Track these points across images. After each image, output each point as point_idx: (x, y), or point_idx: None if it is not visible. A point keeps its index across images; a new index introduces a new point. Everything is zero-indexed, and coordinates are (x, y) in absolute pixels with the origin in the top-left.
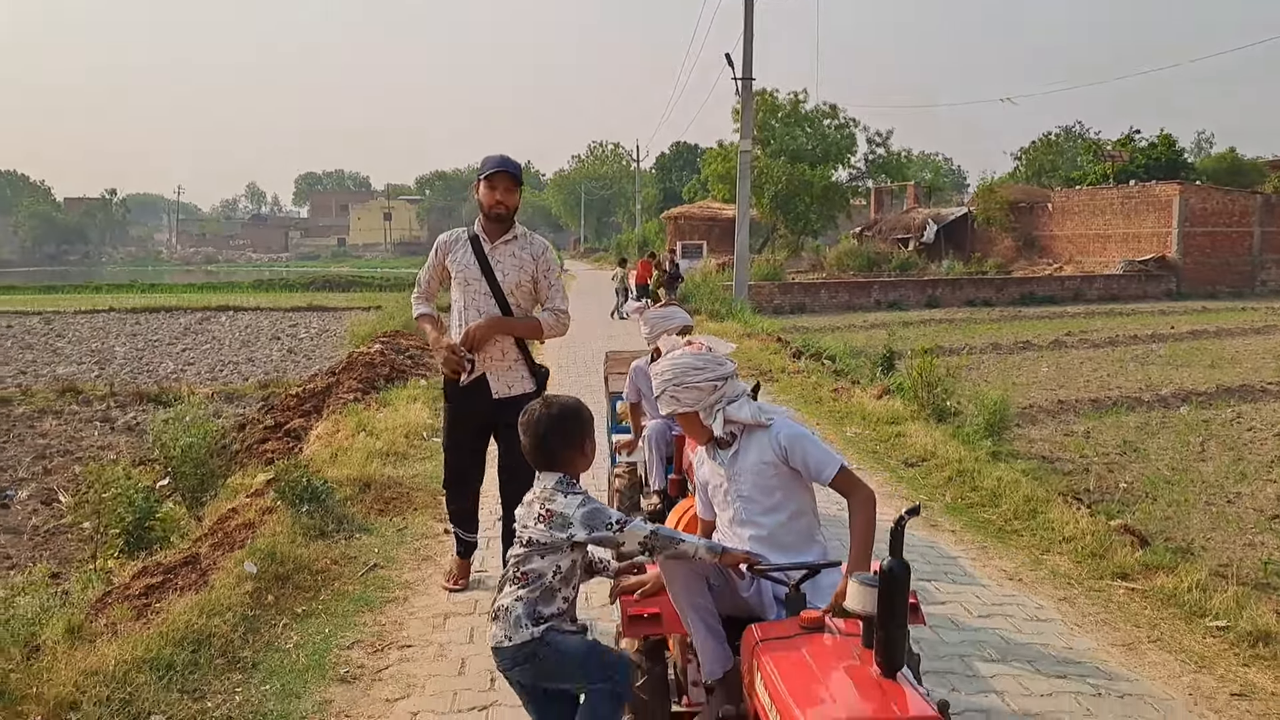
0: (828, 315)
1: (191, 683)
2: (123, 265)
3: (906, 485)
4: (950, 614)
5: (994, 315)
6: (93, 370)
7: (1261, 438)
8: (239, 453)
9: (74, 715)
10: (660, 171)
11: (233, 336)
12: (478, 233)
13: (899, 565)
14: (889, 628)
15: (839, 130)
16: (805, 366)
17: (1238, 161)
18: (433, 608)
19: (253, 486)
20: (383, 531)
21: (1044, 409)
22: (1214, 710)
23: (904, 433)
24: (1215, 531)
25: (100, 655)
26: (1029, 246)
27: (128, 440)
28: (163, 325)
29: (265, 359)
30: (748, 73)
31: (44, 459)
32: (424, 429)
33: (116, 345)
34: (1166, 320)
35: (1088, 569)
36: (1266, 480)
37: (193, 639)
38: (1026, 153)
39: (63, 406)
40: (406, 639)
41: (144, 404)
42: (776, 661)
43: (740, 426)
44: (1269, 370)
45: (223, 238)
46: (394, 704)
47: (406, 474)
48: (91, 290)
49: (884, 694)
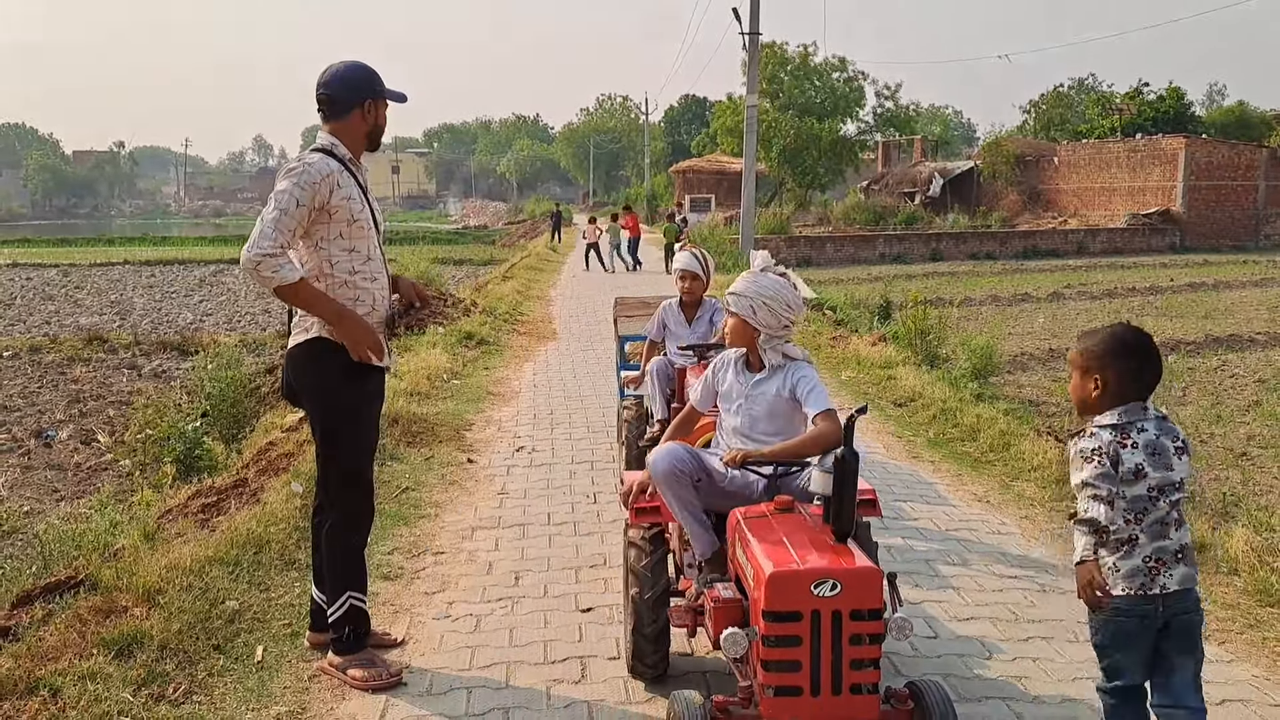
0: (833, 268)
1: (256, 577)
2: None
3: (894, 423)
4: (921, 528)
5: (996, 268)
6: (114, 320)
7: (1242, 384)
8: (268, 395)
9: (161, 599)
10: (669, 125)
11: (246, 289)
12: (346, 157)
13: (850, 454)
14: (841, 503)
15: (848, 84)
16: (807, 316)
17: (1246, 114)
18: (461, 523)
19: (285, 424)
20: (411, 460)
21: (1035, 357)
22: None
23: (895, 376)
24: None
25: (178, 554)
26: (1034, 200)
27: (155, 386)
28: (177, 278)
29: (280, 310)
30: (755, 27)
31: (78, 402)
32: (444, 371)
33: (135, 297)
34: (1167, 273)
35: (1050, 493)
36: (1240, 423)
37: (254, 543)
38: (1036, 106)
39: (90, 354)
40: (439, 547)
41: (167, 352)
42: (752, 529)
43: (782, 359)
44: (1260, 321)
45: (230, 190)
46: (432, 596)
47: (430, 411)
48: (104, 243)
49: (835, 552)
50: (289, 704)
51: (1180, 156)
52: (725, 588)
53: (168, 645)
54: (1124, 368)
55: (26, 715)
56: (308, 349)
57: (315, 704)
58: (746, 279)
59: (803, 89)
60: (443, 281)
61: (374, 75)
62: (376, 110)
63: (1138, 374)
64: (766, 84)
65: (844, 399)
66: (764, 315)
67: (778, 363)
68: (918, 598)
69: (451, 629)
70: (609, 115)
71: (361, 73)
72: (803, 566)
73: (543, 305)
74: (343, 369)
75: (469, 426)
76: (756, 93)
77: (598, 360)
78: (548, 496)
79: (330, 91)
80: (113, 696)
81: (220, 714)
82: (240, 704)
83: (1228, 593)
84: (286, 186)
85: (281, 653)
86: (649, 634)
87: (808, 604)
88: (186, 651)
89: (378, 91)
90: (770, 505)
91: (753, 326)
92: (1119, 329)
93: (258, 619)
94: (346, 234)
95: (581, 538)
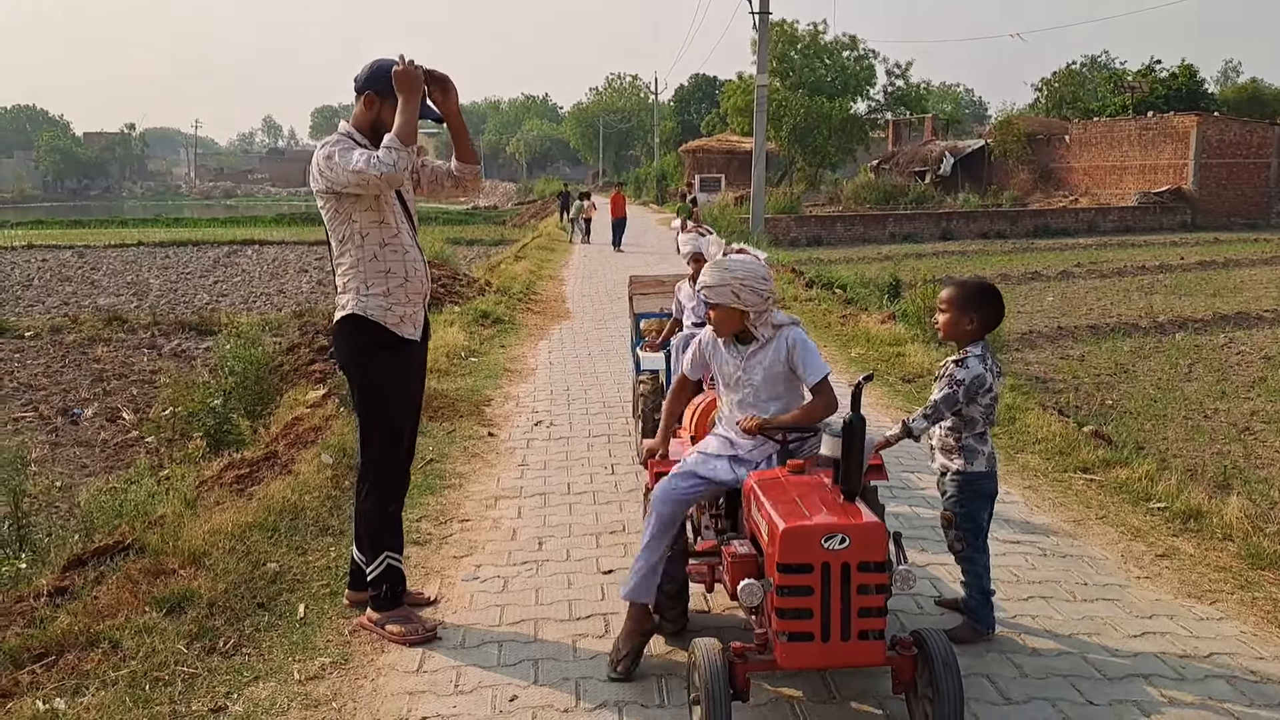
0: (843, 248)
1: (294, 542)
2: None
3: (902, 398)
4: (928, 496)
5: (1007, 247)
6: (131, 301)
7: (1248, 360)
8: (290, 373)
9: (206, 561)
10: (678, 104)
11: (261, 270)
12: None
13: (857, 418)
14: (849, 465)
15: (858, 62)
16: (816, 295)
17: (1260, 91)
18: (484, 493)
19: (309, 400)
20: (434, 434)
21: (1044, 334)
22: (1139, 567)
23: (904, 353)
24: (1188, 442)
25: (220, 520)
26: (1045, 179)
27: (176, 365)
28: (192, 259)
29: (295, 290)
30: (765, 6)
31: (102, 381)
32: (462, 349)
33: (151, 278)
34: (1177, 251)
35: (1054, 464)
36: (1244, 398)
37: (290, 510)
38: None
39: (110, 335)
40: (465, 515)
41: (186, 332)
42: (765, 490)
43: (772, 329)
44: (1269, 299)
45: (240, 172)
46: (460, 560)
47: (450, 387)
48: (117, 225)
49: (843, 510)
50: (333, 655)
51: (1192, 134)
52: (741, 544)
53: (215, 603)
54: (991, 310)
55: (90, 665)
56: (342, 324)
57: (357, 655)
58: (715, 269)
59: (813, 68)
60: (456, 261)
61: (383, 73)
62: (379, 105)
63: (998, 317)
64: (776, 63)
65: (853, 375)
66: (747, 295)
67: (769, 334)
68: (924, 561)
69: (481, 589)
70: (618, 95)
71: (374, 67)
72: (813, 521)
73: (555, 285)
74: (373, 342)
75: (488, 402)
76: (766, 72)
77: (611, 338)
78: (567, 468)
79: (355, 80)
80: (169, 649)
81: (269, 664)
82: (287, 655)
83: (1221, 556)
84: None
85: (321, 610)
86: (669, 590)
87: (818, 556)
88: (233, 609)
89: (379, 90)
90: (783, 469)
91: (740, 310)
92: (983, 281)
93: (298, 580)
94: (375, 206)
95: (600, 506)
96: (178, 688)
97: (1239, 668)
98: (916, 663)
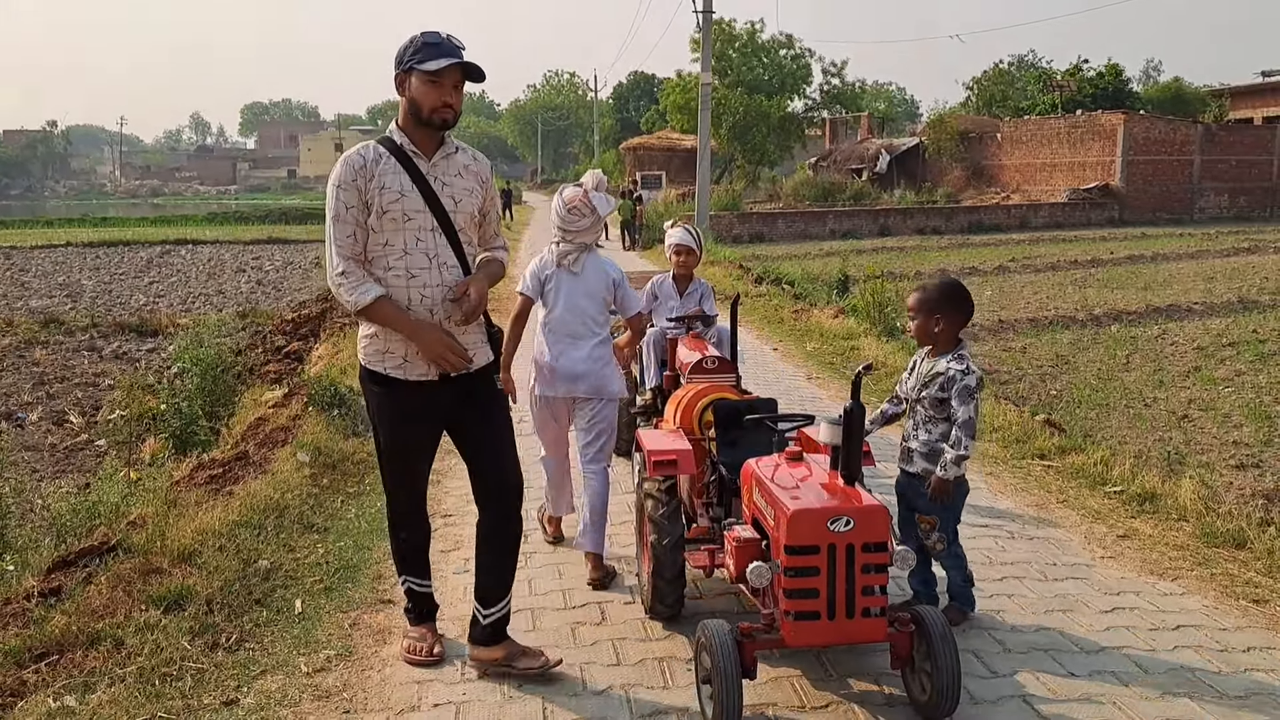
0: (785, 244)
1: (281, 539)
2: (66, 199)
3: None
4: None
5: (943, 243)
6: (66, 303)
7: (1181, 351)
8: (244, 373)
9: (198, 559)
10: (618, 102)
11: (197, 269)
12: (404, 144)
13: (858, 406)
14: (850, 450)
15: (795, 61)
16: (767, 291)
17: (1182, 90)
18: (463, 488)
19: (269, 400)
20: None
21: (985, 328)
22: (1103, 547)
23: (858, 346)
24: (1131, 429)
25: (206, 518)
26: (978, 176)
27: (119, 367)
28: (124, 260)
29: (235, 290)
30: (708, 5)
31: (44, 385)
32: None
33: (83, 279)
34: (1107, 246)
35: (1012, 451)
36: (1181, 387)
37: (274, 508)
38: (979, 82)
39: (48, 337)
40: (447, 510)
41: (126, 334)
42: (769, 476)
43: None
44: (1197, 292)
45: (168, 170)
46: (447, 554)
47: None
48: (43, 225)
49: (846, 493)
50: (336, 648)
51: (1119, 132)
52: (744, 529)
53: (213, 600)
54: (954, 309)
55: (96, 662)
56: (360, 371)
57: (360, 647)
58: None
59: (750, 66)
60: None
61: (407, 46)
62: (411, 84)
63: (966, 313)
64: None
65: (811, 369)
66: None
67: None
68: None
69: (472, 581)
70: (556, 92)
71: (401, 46)
72: (820, 505)
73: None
74: (381, 394)
75: None
76: (710, 70)
77: None
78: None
79: None
80: (173, 645)
81: (274, 658)
82: (290, 650)
83: (1178, 536)
84: (329, 192)
85: (318, 605)
86: (668, 577)
87: (824, 538)
88: (231, 605)
89: (404, 63)
90: (782, 456)
91: None
92: (946, 282)
93: (290, 576)
94: (379, 226)
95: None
96: (187, 682)
97: (1204, 639)
98: (914, 638)
